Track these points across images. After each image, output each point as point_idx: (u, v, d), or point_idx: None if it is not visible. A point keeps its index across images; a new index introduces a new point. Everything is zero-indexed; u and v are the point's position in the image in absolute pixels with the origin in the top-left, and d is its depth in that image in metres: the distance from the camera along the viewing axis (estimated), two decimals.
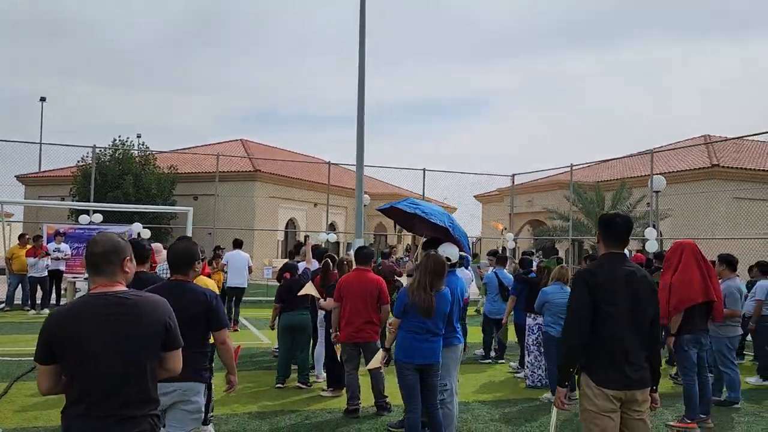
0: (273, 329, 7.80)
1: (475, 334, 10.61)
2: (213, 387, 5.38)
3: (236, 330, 11.55)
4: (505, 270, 9.52)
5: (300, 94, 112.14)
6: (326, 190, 23.77)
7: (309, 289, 7.35)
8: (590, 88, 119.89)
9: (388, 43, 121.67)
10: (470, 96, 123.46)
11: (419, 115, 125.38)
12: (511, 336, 9.58)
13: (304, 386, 7.30)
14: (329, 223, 33.46)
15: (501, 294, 9.15)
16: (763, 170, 23.94)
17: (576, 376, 3.64)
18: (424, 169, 19.62)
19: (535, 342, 7.94)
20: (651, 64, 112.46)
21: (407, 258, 13.26)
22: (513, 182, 21.13)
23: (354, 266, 6.60)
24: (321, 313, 7.49)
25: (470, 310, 10.54)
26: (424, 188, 19.72)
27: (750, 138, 22.21)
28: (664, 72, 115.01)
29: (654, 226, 15.43)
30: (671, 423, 6.36)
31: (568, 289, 7.38)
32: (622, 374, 3.48)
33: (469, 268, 11.14)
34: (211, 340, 3.87)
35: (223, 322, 3.80)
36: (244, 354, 9.43)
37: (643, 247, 15.17)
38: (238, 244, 11.41)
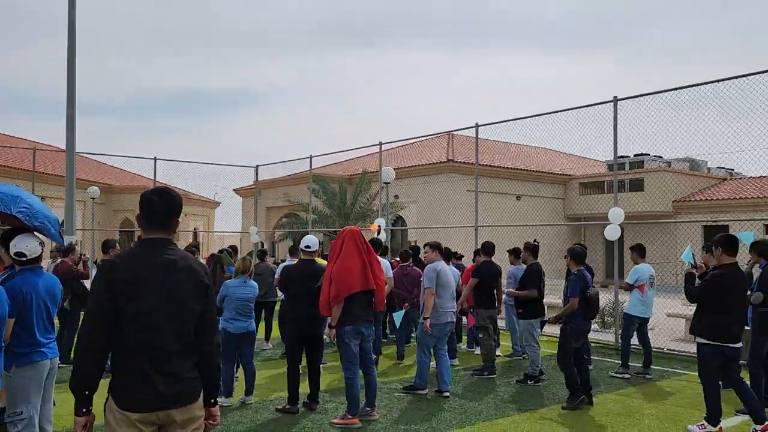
0: None
1: None
2: None
3: None
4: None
5: (40, 77, 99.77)
6: (59, 182, 20.82)
7: None
8: (359, 85, 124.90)
9: (155, 30, 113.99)
10: (243, 88, 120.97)
11: (189, 106, 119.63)
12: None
13: None
14: (61, 220, 29.74)
15: None
16: (489, 166, 26.34)
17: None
18: (155, 158, 17.97)
19: None
20: (410, 67, 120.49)
21: None
22: (257, 174, 20.35)
23: None
24: None
25: None
26: (155, 177, 18.09)
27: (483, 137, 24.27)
28: (422, 74, 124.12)
29: (384, 217, 15.74)
30: (334, 421, 6.00)
31: (253, 282, 6.83)
32: (152, 391, 2.73)
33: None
34: None
35: None
36: None
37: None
38: None
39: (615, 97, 10.92)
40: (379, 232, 9.80)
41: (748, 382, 5.98)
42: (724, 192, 27.33)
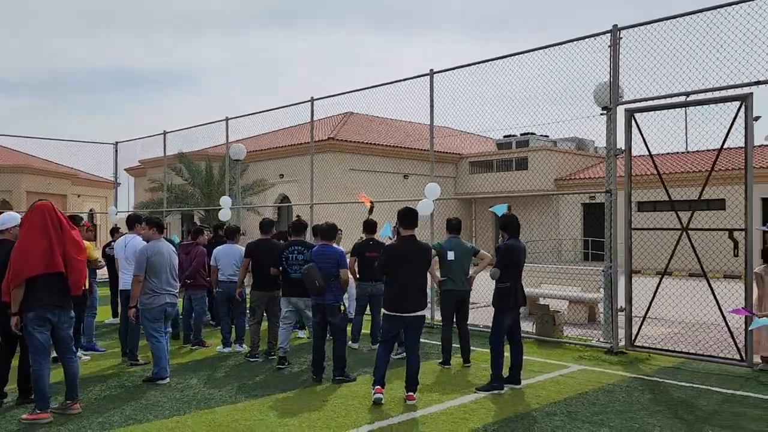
0: None
1: None
2: None
3: None
4: None
5: None
6: None
7: None
8: (291, 68, 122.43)
9: (79, 7, 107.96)
10: (176, 68, 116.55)
11: (118, 84, 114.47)
12: None
13: None
14: None
15: None
16: (368, 143, 26.08)
17: None
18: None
19: None
20: (344, 51, 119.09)
21: None
22: (116, 152, 19.23)
23: None
24: None
25: None
26: None
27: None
28: (356, 58, 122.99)
29: (230, 195, 15.11)
30: (23, 417, 5.42)
31: None
32: None
33: None
34: None
35: None
36: None
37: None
38: None
39: (431, 69, 10.69)
40: (371, 210, 8.86)
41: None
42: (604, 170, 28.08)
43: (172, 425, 5.32)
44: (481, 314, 10.62)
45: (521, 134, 28.98)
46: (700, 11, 7.56)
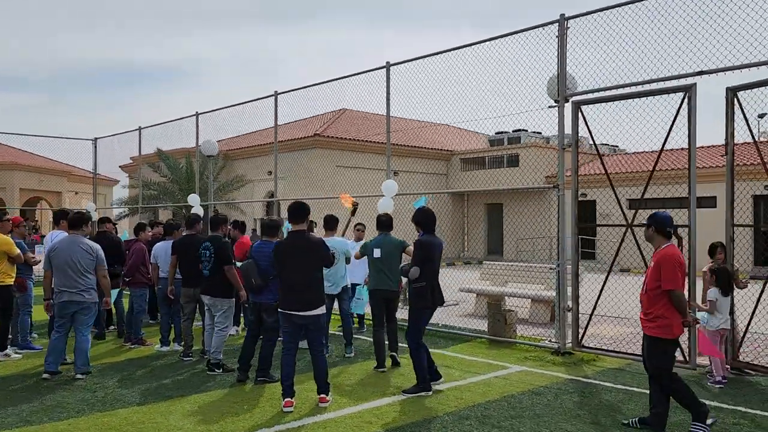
0: None
1: None
2: None
3: None
4: None
5: None
6: None
7: None
8: (287, 63, 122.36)
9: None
10: (171, 63, 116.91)
11: (118, 81, 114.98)
12: None
13: None
14: None
15: None
16: (355, 140, 25.81)
17: None
18: None
19: None
20: (338, 46, 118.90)
21: None
22: (95, 148, 19.12)
23: None
24: None
25: None
26: None
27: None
28: (352, 53, 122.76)
29: (200, 192, 14.92)
30: None
31: None
32: None
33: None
34: None
35: None
36: None
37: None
38: None
39: (387, 62, 10.43)
40: (354, 211, 8.29)
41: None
42: (598, 167, 27.68)
43: (63, 428, 5.13)
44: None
45: (513, 131, 28.62)
46: None
